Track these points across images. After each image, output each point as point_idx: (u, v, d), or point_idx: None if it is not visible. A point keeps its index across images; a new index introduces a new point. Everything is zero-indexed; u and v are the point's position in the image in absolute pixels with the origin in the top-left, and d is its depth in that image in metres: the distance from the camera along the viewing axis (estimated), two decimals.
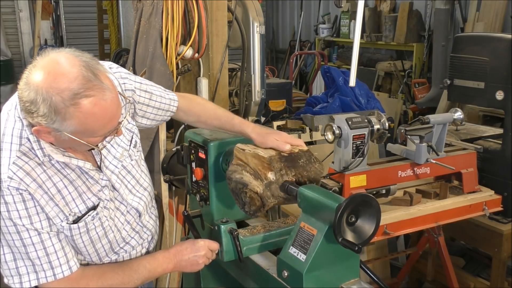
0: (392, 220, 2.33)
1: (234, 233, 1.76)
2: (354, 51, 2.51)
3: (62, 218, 1.49)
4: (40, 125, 1.36)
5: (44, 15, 7.68)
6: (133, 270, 1.61)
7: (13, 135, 1.44)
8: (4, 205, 1.40)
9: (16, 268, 1.46)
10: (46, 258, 1.46)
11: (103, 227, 1.60)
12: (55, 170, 1.48)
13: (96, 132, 1.42)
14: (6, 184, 1.40)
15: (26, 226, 1.42)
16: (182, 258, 1.68)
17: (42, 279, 1.47)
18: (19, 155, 1.43)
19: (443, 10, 5.74)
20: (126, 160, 1.70)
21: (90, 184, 1.56)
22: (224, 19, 2.81)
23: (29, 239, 1.44)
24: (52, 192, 1.46)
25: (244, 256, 1.78)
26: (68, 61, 1.35)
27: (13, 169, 1.41)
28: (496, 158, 2.80)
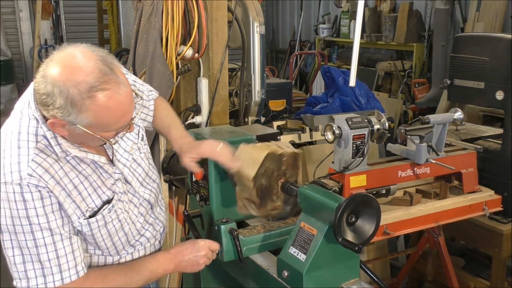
0: (392, 220, 2.33)
1: (234, 233, 1.76)
2: (354, 51, 2.51)
3: (79, 215, 1.50)
4: (55, 118, 1.38)
5: (44, 15, 7.67)
6: (135, 271, 1.62)
7: (29, 133, 1.46)
8: (22, 203, 1.41)
9: (24, 271, 1.46)
10: (56, 260, 1.47)
11: (119, 219, 1.61)
12: (70, 167, 1.50)
13: (110, 126, 1.44)
14: (26, 181, 1.40)
15: (41, 225, 1.43)
16: (183, 259, 1.69)
17: (49, 284, 1.47)
18: (37, 152, 1.44)
19: (443, 10, 5.74)
20: (135, 153, 1.73)
21: (104, 179, 1.58)
22: (224, 19, 2.80)
23: (42, 240, 1.44)
24: (69, 189, 1.48)
25: (244, 256, 1.78)
26: (84, 55, 1.38)
27: (32, 166, 1.42)
28: (496, 158, 2.80)
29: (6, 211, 1.42)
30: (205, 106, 2.86)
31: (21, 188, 1.40)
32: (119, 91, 1.39)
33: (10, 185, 1.40)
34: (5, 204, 1.41)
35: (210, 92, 2.83)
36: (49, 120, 1.41)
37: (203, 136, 1.99)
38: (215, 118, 2.87)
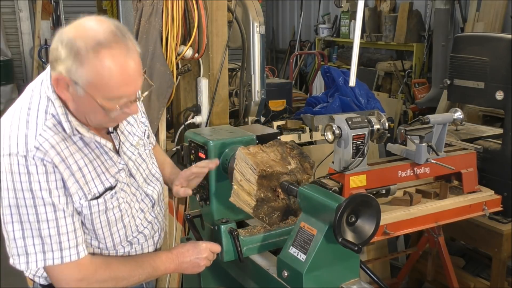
0: (392, 220, 2.33)
1: (234, 233, 1.76)
2: (354, 51, 2.51)
3: (81, 196, 1.49)
4: (60, 74, 1.39)
5: (44, 15, 7.67)
6: (138, 264, 1.61)
7: (39, 109, 1.46)
8: (26, 175, 1.40)
9: (24, 246, 1.43)
10: (57, 237, 1.44)
11: (120, 209, 1.60)
12: (76, 148, 1.49)
13: (110, 90, 1.41)
14: (32, 154, 1.40)
15: (44, 199, 1.41)
16: (184, 260, 1.68)
17: (48, 261, 1.45)
18: (45, 129, 1.44)
19: (443, 10, 5.74)
20: (141, 149, 1.74)
21: (109, 165, 1.57)
22: (224, 19, 2.81)
23: (44, 215, 1.42)
24: (74, 169, 1.47)
25: (244, 256, 1.78)
26: (99, 19, 1.43)
27: (40, 140, 1.42)
28: (496, 158, 2.80)
29: (9, 184, 1.40)
30: (205, 106, 2.86)
31: (26, 160, 1.39)
32: (125, 55, 1.39)
33: (15, 156, 1.39)
34: (8, 176, 1.40)
35: (210, 92, 2.83)
36: (54, 76, 1.41)
37: (203, 136, 1.99)
38: (215, 118, 2.87)
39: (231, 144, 1.94)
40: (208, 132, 2.06)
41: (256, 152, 1.78)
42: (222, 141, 1.93)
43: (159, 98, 2.70)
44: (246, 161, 1.72)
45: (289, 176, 1.75)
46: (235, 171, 1.77)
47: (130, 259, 1.64)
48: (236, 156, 1.78)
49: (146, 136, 1.80)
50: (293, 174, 1.76)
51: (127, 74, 1.41)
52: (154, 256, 1.67)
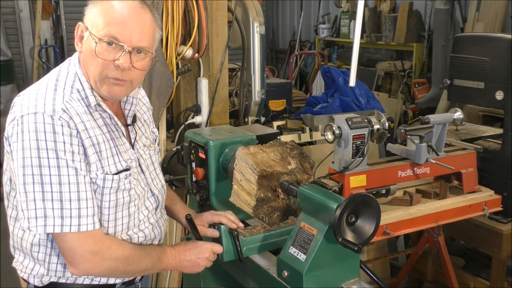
0: (392, 220, 2.33)
1: (234, 233, 1.76)
2: (354, 51, 2.50)
3: (98, 167, 1.51)
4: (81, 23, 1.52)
5: (44, 15, 7.67)
6: (147, 251, 1.62)
7: (66, 83, 1.52)
8: (52, 135, 1.40)
9: (43, 208, 1.40)
10: (77, 203, 1.44)
11: (130, 194, 1.61)
12: (97, 125, 1.53)
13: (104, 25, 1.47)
14: (59, 115, 1.42)
15: (68, 161, 1.42)
16: (185, 258, 1.69)
17: (66, 227, 1.42)
18: (71, 99, 1.49)
19: (443, 10, 5.74)
20: (151, 151, 1.77)
21: (123, 150, 1.60)
22: (224, 19, 2.81)
23: (67, 177, 1.42)
24: (94, 141, 1.50)
25: (244, 256, 1.78)
26: None
27: (67, 105, 1.47)
28: (496, 158, 2.80)
29: (32, 143, 1.39)
30: (205, 106, 2.86)
31: (53, 119, 1.41)
32: (134, 4, 1.49)
33: (41, 115, 1.41)
34: (31, 135, 1.39)
35: (210, 92, 2.83)
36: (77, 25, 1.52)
37: (203, 136, 1.99)
38: (215, 118, 2.87)
39: (231, 144, 1.94)
40: (208, 132, 2.06)
41: (256, 152, 1.78)
42: (222, 141, 1.93)
43: (159, 98, 2.70)
44: (246, 161, 1.72)
45: (289, 176, 1.75)
46: (235, 171, 1.77)
47: (140, 245, 1.65)
48: (236, 156, 1.78)
49: (157, 143, 1.85)
50: (293, 174, 1.76)
51: (126, 16, 1.49)
52: (159, 248, 1.68)
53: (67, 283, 1.59)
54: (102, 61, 1.49)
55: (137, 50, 1.51)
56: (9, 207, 1.59)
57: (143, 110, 1.81)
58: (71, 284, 1.59)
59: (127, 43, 1.49)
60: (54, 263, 1.56)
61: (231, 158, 1.86)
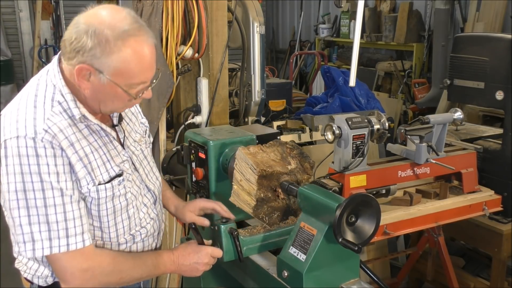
0: (392, 220, 2.33)
1: (234, 233, 1.76)
2: (354, 51, 2.50)
3: (89, 181, 1.49)
4: (84, 63, 1.40)
5: (44, 15, 7.66)
6: (142, 261, 1.61)
7: (45, 96, 1.47)
8: (35, 158, 1.38)
9: (30, 232, 1.40)
10: (64, 223, 1.43)
11: (126, 198, 1.61)
12: (82, 135, 1.50)
13: (134, 77, 1.45)
14: (41, 136, 1.39)
15: (52, 183, 1.40)
16: (184, 263, 1.68)
17: (54, 248, 1.42)
18: (52, 114, 1.45)
19: (443, 10, 5.74)
20: (143, 146, 1.76)
21: (114, 155, 1.58)
22: (224, 19, 2.80)
23: (52, 199, 1.41)
24: (81, 154, 1.47)
25: (244, 256, 1.78)
26: (115, 7, 1.47)
27: (49, 123, 1.42)
28: (496, 158, 2.80)
29: (16, 167, 1.38)
30: (205, 106, 2.86)
31: (35, 142, 1.39)
32: (149, 41, 1.46)
33: (23, 139, 1.38)
34: (15, 160, 1.38)
35: (210, 92, 2.83)
36: (77, 66, 1.41)
37: (203, 136, 1.99)
38: (215, 118, 2.87)
39: (231, 144, 1.94)
40: (208, 132, 2.06)
41: (256, 152, 1.78)
42: (222, 141, 1.93)
43: (159, 98, 2.69)
44: (246, 161, 1.72)
45: (289, 176, 1.75)
46: (235, 171, 1.77)
47: (134, 254, 1.64)
48: (236, 156, 1.78)
49: (147, 135, 1.83)
50: (293, 174, 1.76)
51: (149, 60, 1.48)
52: (156, 254, 1.67)
53: None
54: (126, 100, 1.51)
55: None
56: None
57: None
58: None
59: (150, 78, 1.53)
60: None
61: (231, 158, 1.86)
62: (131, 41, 1.40)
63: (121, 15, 1.43)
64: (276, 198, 1.75)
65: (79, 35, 1.39)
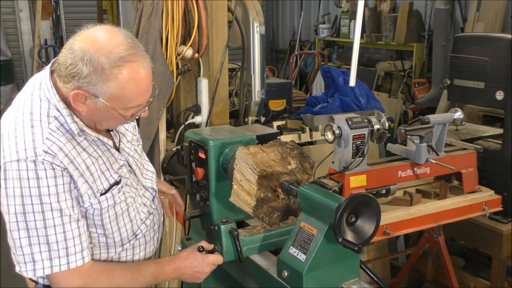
0: (392, 220, 2.33)
1: (234, 233, 1.76)
2: (354, 51, 2.51)
3: (90, 195, 1.51)
4: (79, 88, 1.40)
5: (44, 15, 7.67)
6: (140, 273, 1.61)
7: (41, 113, 1.46)
8: (35, 181, 1.39)
9: (31, 254, 1.42)
10: (64, 243, 1.44)
11: (126, 203, 1.63)
12: (81, 149, 1.51)
13: (131, 101, 1.46)
14: (41, 158, 1.40)
15: (52, 204, 1.41)
16: (185, 272, 1.70)
17: (55, 267, 1.44)
18: (50, 132, 1.45)
19: (443, 10, 5.74)
20: (135, 144, 1.78)
21: (112, 162, 1.60)
22: (224, 19, 2.80)
23: (52, 220, 1.42)
24: (82, 169, 1.49)
25: (244, 256, 1.78)
26: (111, 30, 1.45)
27: (48, 143, 1.43)
28: (496, 158, 2.80)
29: (16, 190, 1.39)
30: (205, 106, 2.86)
31: (36, 165, 1.39)
32: (145, 65, 1.45)
33: (23, 162, 1.39)
34: (15, 183, 1.39)
35: (210, 92, 2.83)
36: (73, 91, 1.41)
37: (203, 136, 1.99)
38: (215, 118, 2.87)
39: (231, 144, 1.94)
40: (208, 132, 2.06)
41: (256, 152, 1.77)
42: (222, 141, 1.93)
43: (159, 98, 2.69)
44: (246, 161, 1.72)
45: (289, 176, 1.75)
46: (235, 171, 1.77)
47: (132, 267, 1.64)
48: (236, 156, 1.78)
49: (137, 131, 1.85)
50: (293, 174, 1.76)
51: (145, 84, 1.47)
52: (156, 265, 1.66)
53: None
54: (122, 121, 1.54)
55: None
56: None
57: None
58: None
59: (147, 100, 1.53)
60: None
61: (231, 158, 1.86)
62: (127, 67, 1.40)
63: (117, 40, 1.41)
64: (276, 198, 1.75)
65: (75, 61, 1.39)
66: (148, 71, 1.47)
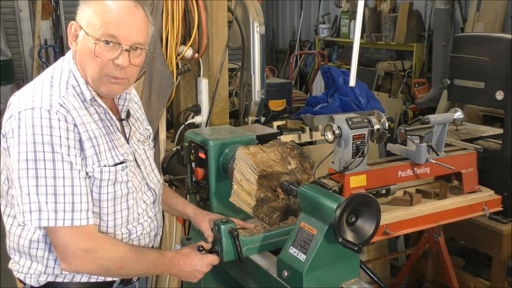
0: (392, 220, 2.33)
1: (234, 233, 1.76)
2: (354, 51, 2.50)
3: (95, 161, 1.52)
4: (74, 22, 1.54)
5: (44, 15, 7.67)
6: (144, 256, 1.61)
7: (61, 79, 1.55)
8: (48, 129, 1.42)
9: (37, 202, 1.41)
10: (71, 197, 1.44)
11: (127, 186, 1.63)
12: (93, 119, 1.55)
13: (101, 25, 1.50)
14: (56, 109, 1.45)
15: (63, 155, 1.43)
16: (184, 269, 1.70)
17: (59, 221, 1.43)
18: (67, 94, 1.52)
19: (443, 10, 5.74)
20: (146, 147, 1.80)
21: (119, 144, 1.62)
22: (224, 19, 2.80)
23: (61, 171, 1.43)
24: (90, 135, 1.52)
25: (244, 256, 1.78)
26: None
27: (64, 100, 1.49)
28: (496, 158, 2.80)
29: (29, 137, 1.41)
30: (205, 106, 2.86)
31: (50, 114, 1.43)
32: (128, 3, 1.53)
33: (38, 110, 1.43)
34: (28, 129, 1.41)
35: (210, 92, 2.83)
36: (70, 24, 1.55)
37: (203, 136, 1.99)
38: (215, 118, 2.87)
39: (231, 144, 1.94)
40: (208, 132, 2.06)
41: (256, 152, 1.78)
42: (222, 141, 1.93)
43: (159, 98, 2.70)
44: (246, 161, 1.72)
45: (289, 176, 1.75)
46: (235, 171, 1.77)
47: (136, 248, 1.64)
48: (236, 156, 1.78)
49: (151, 139, 1.87)
50: (293, 174, 1.76)
51: (122, 15, 1.51)
52: (158, 254, 1.67)
53: (64, 282, 1.59)
54: (101, 60, 1.52)
55: (134, 47, 1.55)
56: (7, 206, 1.59)
57: (135, 108, 1.83)
58: (68, 283, 1.59)
59: (125, 41, 1.52)
60: (52, 259, 1.56)
61: (231, 158, 1.86)
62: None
63: None
64: (276, 198, 1.75)
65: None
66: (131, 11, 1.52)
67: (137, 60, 1.58)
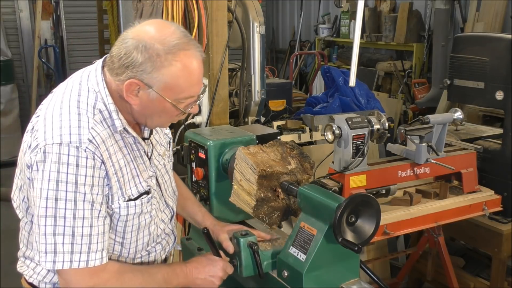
0: (392, 220, 2.33)
1: (254, 247, 1.68)
2: (354, 51, 2.51)
3: (119, 196, 1.48)
4: (133, 78, 1.40)
5: (44, 15, 7.66)
6: (152, 276, 1.56)
7: (88, 103, 1.45)
8: (75, 168, 1.36)
9: (54, 244, 1.36)
10: (88, 238, 1.39)
11: (151, 215, 1.59)
12: (118, 147, 1.49)
13: (183, 91, 1.45)
14: (85, 146, 1.38)
15: (86, 195, 1.37)
16: (199, 276, 1.64)
17: (74, 263, 1.38)
18: (95, 123, 1.43)
19: (443, 10, 5.74)
20: (166, 159, 1.74)
21: (142, 169, 1.56)
22: (224, 19, 2.80)
23: (82, 212, 1.37)
24: (116, 168, 1.46)
25: (265, 271, 1.71)
26: (162, 22, 1.49)
27: (93, 133, 1.41)
28: (496, 158, 2.80)
29: (52, 175, 1.35)
30: (205, 106, 2.86)
31: (78, 151, 1.36)
32: (197, 55, 1.45)
33: (66, 146, 1.36)
34: (53, 166, 1.35)
35: (210, 92, 2.83)
36: (127, 81, 1.40)
37: (203, 136, 1.99)
38: (215, 118, 2.87)
39: (231, 144, 1.94)
40: (208, 132, 2.06)
41: (256, 152, 1.78)
42: (222, 141, 1.93)
43: None
44: (246, 161, 1.72)
45: (289, 176, 1.75)
46: (235, 171, 1.77)
47: (144, 270, 1.58)
48: (236, 156, 1.78)
49: (170, 146, 1.81)
50: (293, 174, 1.76)
51: (198, 74, 1.46)
52: (168, 269, 1.61)
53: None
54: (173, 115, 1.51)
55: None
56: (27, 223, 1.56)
57: None
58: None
59: (198, 92, 1.51)
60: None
61: (231, 158, 1.86)
62: (181, 55, 1.40)
63: (170, 30, 1.43)
64: (276, 198, 1.75)
65: (129, 51, 1.39)
66: (200, 61, 1.46)
67: None
